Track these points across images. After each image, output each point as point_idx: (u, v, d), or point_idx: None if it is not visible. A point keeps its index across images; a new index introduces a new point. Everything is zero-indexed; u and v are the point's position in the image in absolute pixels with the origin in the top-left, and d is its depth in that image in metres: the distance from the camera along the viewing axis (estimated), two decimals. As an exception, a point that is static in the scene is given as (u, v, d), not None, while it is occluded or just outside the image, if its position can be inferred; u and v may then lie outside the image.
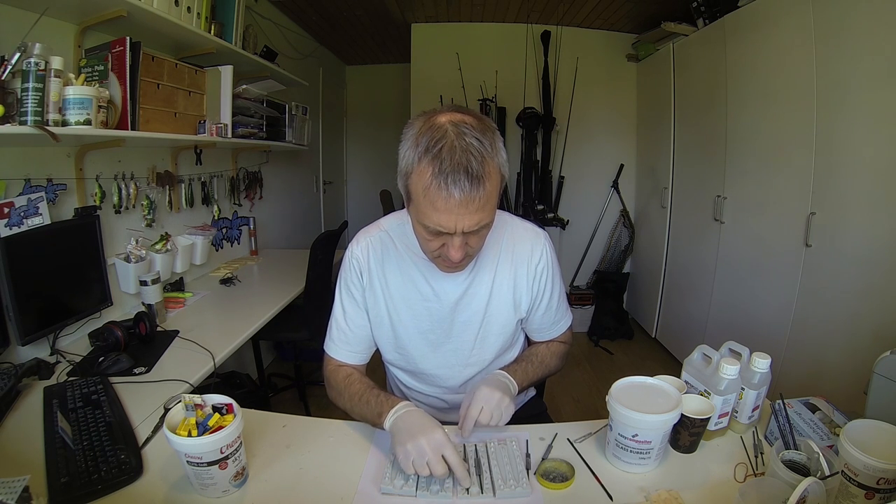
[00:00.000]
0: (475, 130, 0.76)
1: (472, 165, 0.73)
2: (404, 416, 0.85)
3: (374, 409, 0.90)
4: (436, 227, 0.78)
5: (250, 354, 2.43)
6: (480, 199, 0.75)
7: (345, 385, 0.99)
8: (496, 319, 1.02)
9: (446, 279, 0.98)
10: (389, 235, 1.02)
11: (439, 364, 1.05)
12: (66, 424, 0.91)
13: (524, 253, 1.02)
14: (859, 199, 1.73)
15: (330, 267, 2.39)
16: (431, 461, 0.77)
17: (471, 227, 0.78)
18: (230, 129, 1.99)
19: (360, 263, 1.01)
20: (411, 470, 0.78)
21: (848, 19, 1.72)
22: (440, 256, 0.87)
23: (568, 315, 1.13)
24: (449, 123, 0.76)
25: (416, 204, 0.80)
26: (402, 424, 0.83)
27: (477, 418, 0.88)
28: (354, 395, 0.95)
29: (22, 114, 1.13)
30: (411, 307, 1.01)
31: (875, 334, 1.62)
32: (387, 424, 0.86)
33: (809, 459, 0.72)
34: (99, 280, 1.51)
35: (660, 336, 3.38)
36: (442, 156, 0.73)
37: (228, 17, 2.04)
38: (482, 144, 0.75)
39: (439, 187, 0.74)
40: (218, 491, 0.76)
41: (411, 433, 0.81)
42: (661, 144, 3.28)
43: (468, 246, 0.84)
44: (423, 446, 0.78)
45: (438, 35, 3.77)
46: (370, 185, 5.16)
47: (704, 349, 0.99)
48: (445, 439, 0.80)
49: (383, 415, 0.87)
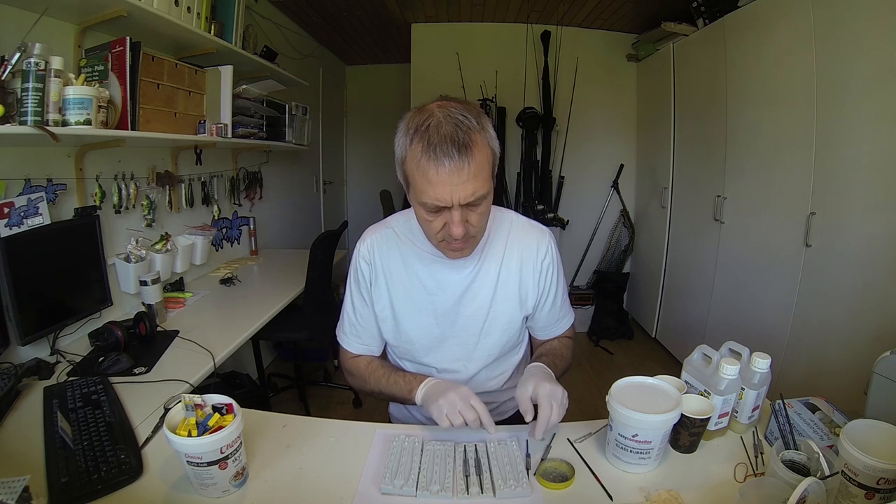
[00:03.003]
0: (460, 108, 0.82)
1: (458, 135, 0.78)
2: (433, 385, 0.94)
3: (403, 387, 0.98)
4: (433, 201, 0.81)
5: (250, 354, 2.43)
6: (470, 167, 0.79)
7: (369, 372, 1.06)
8: (501, 314, 1.03)
9: (451, 272, 1.00)
10: (395, 232, 1.04)
11: (444, 358, 1.06)
12: (66, 424, 0.91)
13: (530, 249, 1.03)
14: (859, 199, 1.73)
15: (330, 267, 2.39)
16: (462, 408, 0.85)
17: (466, 197, 0.81)
18: (230, 129, 1.99)
19: (366, 259, 1.03)
20: (446, 422, 0.85)
21: (848, 19, 1.71)
22: (444, 240, 0.88)
23: (571, 312, 1.16)
24: (435, 107, 0.83)
25: (413, 184, 0.84)
26: (432, 390, 0.93)
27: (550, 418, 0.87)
28: (381, 379, 1.03)
29: (22, 114, 1.13)
30: (415, 301, 1.02)
31: (875, 334, 1.62)
32: (418, 397, 0.94)
33: (809, 459, 0.72)
34: (99, 280, 1.51)
35: (660, 336, 3.38)
36: (430, 132, 0.79)
37: (228, 17, 2.04)
38: (467, 119, 0.81)
39: (429, 159, 0.79)
40: (218, 491, 0.76)
41: (440, 392, 0.90)
42: (661, 144, 3.28)
43: (469, 225, 0.86)
44: (452, 398, 0.87)
45: (438, 35, 3.77)
46: (370, 185, 5.16)
47: (704, 349, 0.99)
48: (471, 392, 0.89)
49: (413, 390, 0.96)
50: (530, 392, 0.89)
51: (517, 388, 0.93)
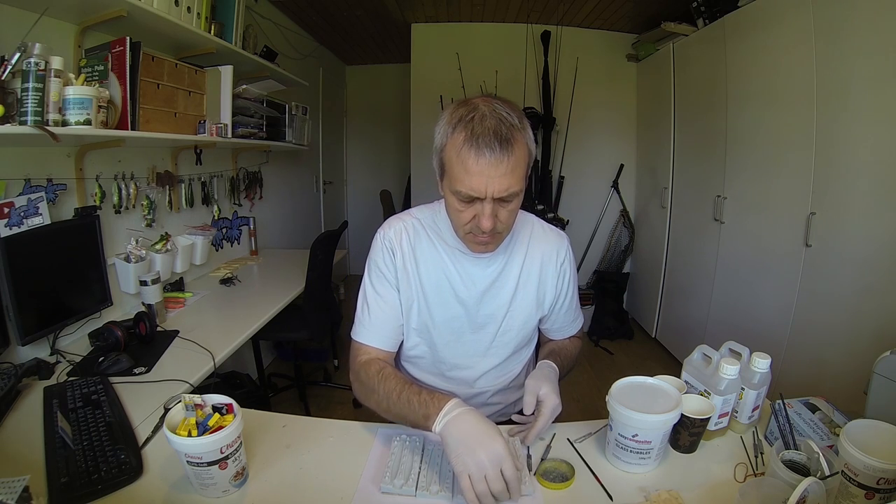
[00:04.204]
0: (505, 106, 0.84)
1: (502, 130, 0.80)
2: (458, 421, 0.78)
3: (418, 410, 0.83)
4: (468, 191, 0.83)
5: (250, 354, 2.43)
6: (509, 163, 0.81)
7: (378, 380, 0.92)
8: (519, 314, 1.05)
9: (476, 269, 1.01)
10: (421, 223, 1.04)
11: (460, 353, 1.06)
12: (66, 424, 0.91)
13: (550, 253, 1.06)
14: (859, 199, 1.73)
15: (330, 267, 2.39)
16: (490, 477, 0.72)
17: (500, 191, 0.82)
18: (230, 129, 1.99)
19: (393, 244, 1.02)
20: (467, 483, 0.72)
21: (848, 19, 1.72)
22: (471, 232, 0.90)
23: (581, 314, 1.19)
24: (480, 101, 0.85)
25: (450, 171, 0.85)
26: (458, 433, 0.77)
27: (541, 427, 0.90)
28: (392, 393, 0.88)
29: (22, 114, 1.13)
30: (441, 292, 1.02)
31: (875, 334, 1.62)
32: (437, 428, 0.79)
33: (809, 459, 0.72)
34: (99, 280, 1.51)
35: (660, 336, 3.38)
36: (474, 123, 0.81)
37: (228, 17, 2.04)
38: (511, 117, 0.82)
39: (471, 148, 0.80)
40: (218, 491, 0.76)
41: (468, 444, 0.75)
42: (661, 144, 3.28)
43: (498, 220, 0.87)
44: (482, 461, 0.72)
45: (438, 35, 3.77)
46: (370, 185, 5.16)
47: (704, 349, 0.99)
48: (506, 451, 0.74)
49: (431, 417, 0.80)
50: (540, 392, 0.92)
51: (529, 378, 0.96)
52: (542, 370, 0.99)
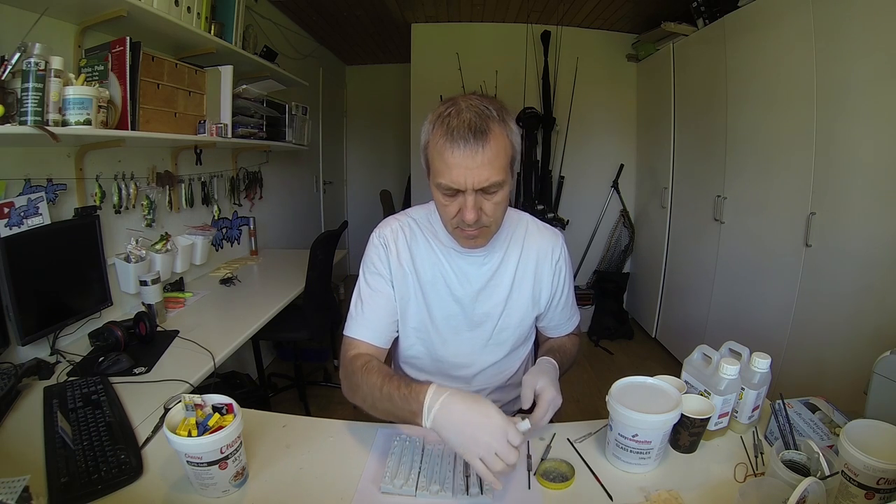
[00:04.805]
0: (484, 100, 0.86)
1: (476, 122, 0.82)
2: (446, 412, 0.76)
3: (401, 406, 0.81)
4: (448, 182, 0.85)
5: (250, 354, 2.43)
6: (485, 153, 0.82)
7: (362, 375, 0.90)
8: (515, 311, 1.06)
9: (471, 267, 1.02)
10: (417, 223, 1.06)
11: (457, 352, 1.07)
12: (66, 424, 0.91)
13: (545, 250, 1.07)
14: (859, 199, 1.73)
15: (330, 267, 2.39)
16: (501, 452, 0.71)
17: (479, 182, 0.83)
18: (230, 129, 1.99)
19: (388, 242, 1.03)
20: (481, 466, 0.72)
21: (848, 19, 1.71)
22: (458, 227, 0.91)
23: (578, 311, 1.20)
24: (462, 98, 0.87)
25: (432, 167, 0.88)
26: (451, 424, 0.75)
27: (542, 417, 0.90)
28: (374, 388, 0.86)
29: (22, 114, 1.13)
30: (437, 291, 1.03)
31: (875, 334, 1.62)
32: (427, 424, 0.78)
33: (809, 459, 0.72)
34: (99, 280, 1.51)
35: (660, 336, 3.38)
36: (451, 117, 0.84)
37: (228, 17, 2.04)
38: (488, 109, 0.84)
39: (447, 141, 0.83)
40: (218, 491, 0.76)
41: (467, 432, 0.73)
42: (661, 144, 3.28)
43: (483, 213, 0.88)
44: (489, 443, 0.72)
45: (438, 35, 3.77)
46: (370, 185, 5.16)
47: (704, 349, 0.99)
48: (503, 419, 0.73)
49: (417, 414, 0.79)
50: (537, 386, 0.92)
51: (527, 374, 0.96)
52: (541, 366, 0.99)
